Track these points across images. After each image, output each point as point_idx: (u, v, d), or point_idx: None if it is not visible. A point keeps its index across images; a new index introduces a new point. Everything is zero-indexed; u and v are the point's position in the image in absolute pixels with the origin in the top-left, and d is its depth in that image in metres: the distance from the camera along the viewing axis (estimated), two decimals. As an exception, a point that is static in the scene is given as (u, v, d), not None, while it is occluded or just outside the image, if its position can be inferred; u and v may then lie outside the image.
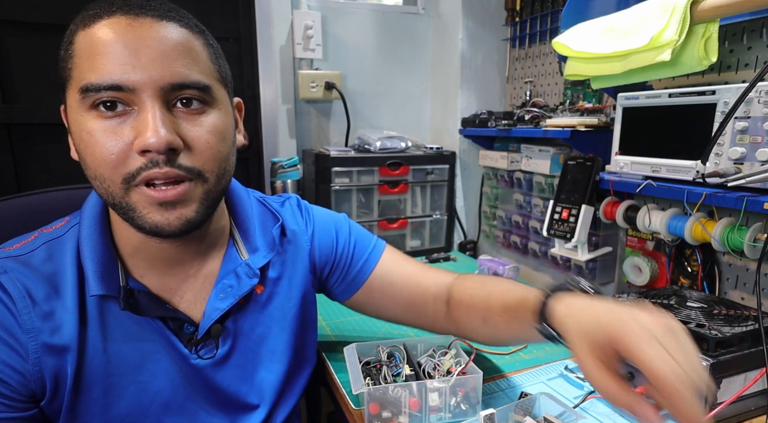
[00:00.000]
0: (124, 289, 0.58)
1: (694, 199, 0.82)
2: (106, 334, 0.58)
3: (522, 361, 0.87)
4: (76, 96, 0.51)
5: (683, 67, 0.78)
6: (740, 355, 0.67)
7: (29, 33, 1.32)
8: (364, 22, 1.61)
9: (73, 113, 0.52)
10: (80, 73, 0.50)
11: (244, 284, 0.65)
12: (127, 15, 0.50)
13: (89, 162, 0.52)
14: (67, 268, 0.57)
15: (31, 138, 1.37)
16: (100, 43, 0.49)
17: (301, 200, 0.81)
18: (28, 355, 0.54)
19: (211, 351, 0.64)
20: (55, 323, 0.56)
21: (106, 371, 0.58)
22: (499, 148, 1.50)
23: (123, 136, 0.50)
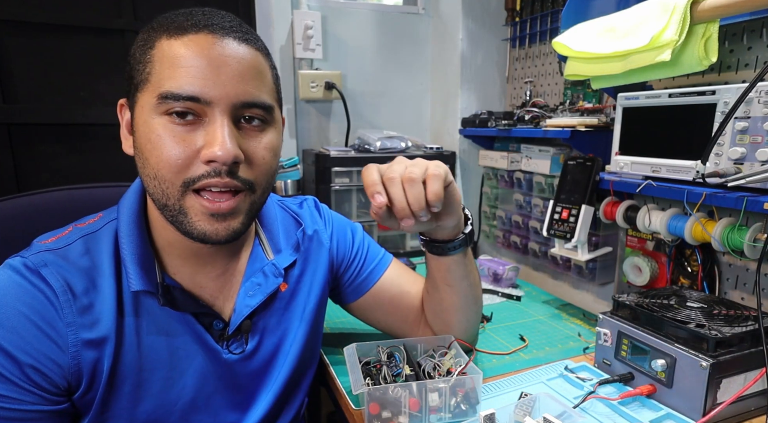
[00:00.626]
0: (161, 285, 0.60)
1: (694, 199, 0.82)
2: (140, 329, 0.60)
3: (522, 361, 0.87)
4: (151, 99, 0.54)
5: (683, 67, 0.78)
6: (740, 355, 0.67)
7: (29, 33, 1.32)
8: (364, 22, 1.61)
9: (143, 114, 0.55)
10: (160, 80, 0.54)
11: (271, 282, 0.68)
12: (213, 34, 0.55)
13: (153, 162, 0.55)
14: (105, 262, 0.59)
15: (31, 138, 1.37)
16: (185, 57, 0.53)
17: (319, 202, 0.85)
18: (68, 347, 0.55)
19: (241, 346, 0.67)
20: (94, 316, 0.57)
21: (138, 366, 0.60)
22: (499, 148, 1.50)
23: (191, 143, 0.54)
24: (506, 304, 1.15)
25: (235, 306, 0.66)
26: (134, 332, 0.60)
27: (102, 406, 0.58)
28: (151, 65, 0.54)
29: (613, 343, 0.79)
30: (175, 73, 0.53)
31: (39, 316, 0.54)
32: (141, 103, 0.55)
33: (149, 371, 0.61)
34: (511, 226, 1.42)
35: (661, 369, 0.70)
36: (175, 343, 0.62)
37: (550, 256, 1.25)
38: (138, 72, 0.56)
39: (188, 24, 0.55)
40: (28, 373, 0.53)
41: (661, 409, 0.70)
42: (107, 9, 1.39)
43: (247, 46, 0.57)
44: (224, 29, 0.56)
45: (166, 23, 0.56)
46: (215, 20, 0.56)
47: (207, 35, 0.54)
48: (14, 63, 1.32)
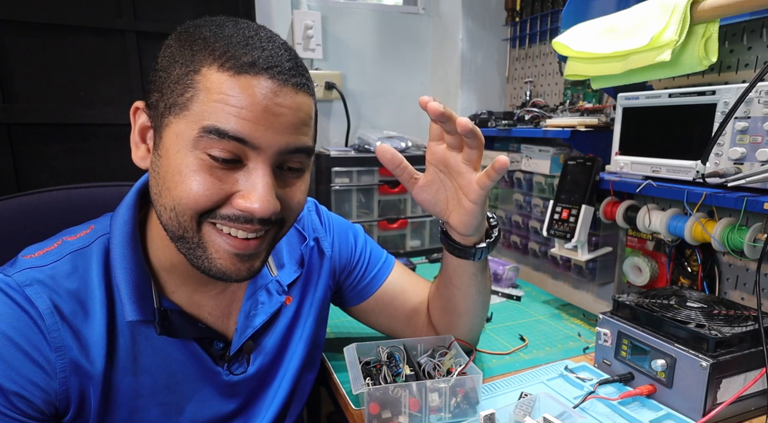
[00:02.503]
0: (158, 312, 0.57)
1: (694, 199, 0.82)
2: (137, 356, 0.57)
3: (522, 361, 0.87)
4: (190, 130, 0.50)
5: (683, 67, 0.78)
6: (740, 356, 0.67)
7: (29, 33, 1.32)
8: (364, 22, 1.61)
9: (176, 141, 0.51)
10: (206, 112, 0.49)
11: (275, 301, 0.67)
12: (273, 80, 0.50)
13: (176, 195, 0.51)
14: (94, 285, 0.56)
15: (31, 138, 1.37)
16: (241, 98, 0.49)
17: (319, 205, 0.84)
18: (55, 373, 0.52)
19: (243, 366, 0.65)
20: (83, 341, 0.54)
21: (134, 393, 0.58)
22: (499, 148, 1.50)
23: (226, 185, 0.51)
24: (506, 304, 1.15)
25: (237, 326, 0.63)
26: (130, 361, 0.57)
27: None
28: (194, 92, 0.50)
29: (613, 343, 0.79)
30: (224, 109, 0.49)
31: (25, 339, 0.51)
32: (175, 128, 0.51)
33: (146, 397, 0.58)
34: (511, 226, 1.42)
35: (661, 369, 0.70)
36: (172, 367, 0.60)
37: (550, 256, 1.25)
38: (173, 92, 0.51)
39: (246, 61, 0.49)
40: (12, 400, 0.50)
41: (661, 409, 0.70)
42: (107, 9, 1.39)
43: (304, 94, 0.53)
44: (284, 74, 0.51)
45: (218, 47, 0.50)
46: (276, 60, 0.51)
47: (268, 81, 0.50)
48: (14, 63, 1.32)
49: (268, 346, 0.67)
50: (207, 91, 0.49)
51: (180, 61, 0.51)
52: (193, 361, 0.61)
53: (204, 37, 0.51)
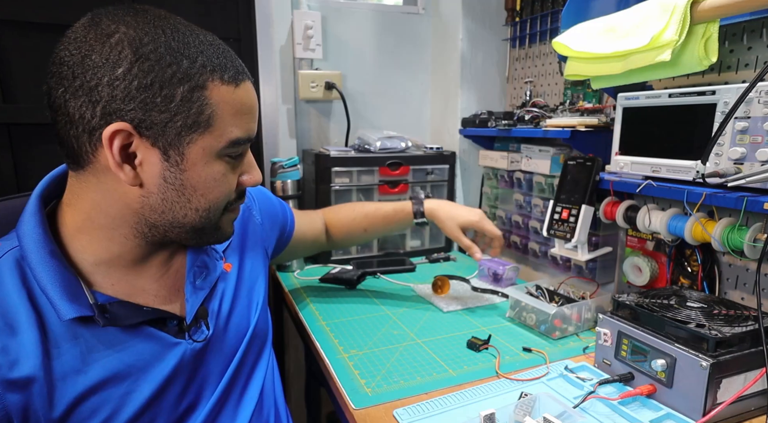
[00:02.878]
0: (96, 306, 0.57)
1: (694, 199, 0.82)
2: (85, 355, 0.57)
3: (522, 361, 0.87)
4: (216, 143, 0.58)
5: (683, 67, 0.78)
6: (740, 355, 0.67)
7: (29, 33, 1.32)
8: (364, 22, 1.61)
9: (203, 155, 0.57)
10: (227, 126, 0.58)
11: (217, 266, 0.72)
12: (249, 81, 0.61)
13: (212, 197, 0.60)
14: (13, 297, 0.54)
15: (31, 138, 1.37)
16: (246, 105, 0.60)
17: None
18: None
19: (203, 333, 0.67)
20: (11, 357, 0.53)
21: (90, 390, 0.57)
22: (499, 148, 1.50)
23: (236, 174, 0.63)
24: (506, 305, 1.15)
25: (187, 296, 0.66)
26: (78, 359, 0.56)
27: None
28: (211, 109, 0.56)
29: (613, 343, 0.79)
30: (241, 122, 0.59)
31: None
32: (201, 144, 0.57)
33: (107, 390, 0.58)
34: (511, 226, 1.42)
35: (661, 369, 0.70)
36: (130, 355, 0.59)
37: (550, 256, 1.25)
38: (189, 110, 0.54)
39: (234, 72, 0.58)
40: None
41: (661, 409, 0.70)
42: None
43: None
44: (248, 73, 0.62)
45: (206, 61, 0.55)
46: (240, 64, 0.61)
47: (248, 83, 0.61)
48: (14, 63, 1.32)
49: (220, 310, 0.70)
50: (222, 105, 0.57)
51: (176, 80, 0.53)
52: (151, 343, 0.61)
53: (180, 50, 0.54)
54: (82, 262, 0.59)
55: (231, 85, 0.57)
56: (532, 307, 1.00)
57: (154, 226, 0.60)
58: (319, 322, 1.04)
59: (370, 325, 1.02)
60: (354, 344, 0.94)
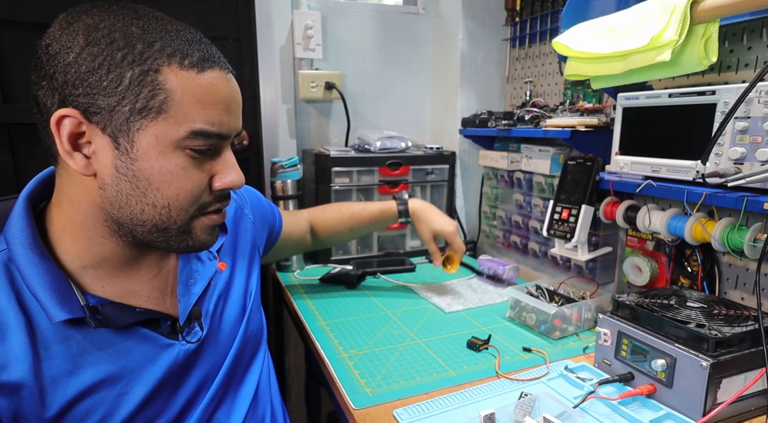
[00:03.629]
0: (87, 308, 0.56)
1: (694, 199, 0.82)
2: (76, 358, 0.56)
3: (522, 361, 0.87)
4: (174, 132, 0.53)
5: (683, 67, 0.78)
6: (740, 355, 0.67)
7: (29, 33, 1.32)
8: (364, 22, 1.61)
9: (157, 144, 0.53)
10: (187, 114, 0.53)
11: (209, 267, 0.71)
12: (222, 70, 0.57)
13: (170, 193, 0.55)
14: (2, 301, 0.54)
15: (31, 138, 1.37)
16: (211, 94, 0.55)
17: None
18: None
19: (197, 333, 0.66)
20: (2, 364, 0.52)
21: (83, 393, 0.56)
22: (499, 148, 1.50)
23: (205, 172, 0.58)
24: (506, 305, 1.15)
25: (179, 297, 0.65)
26: (69, 363, 0.55)
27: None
28: (165, 94, 0.52)
29: (613, 343, 0.79)
30: (206, 111, 0.54)
31: None
32: (154, 131, 0.53)
33: (101, 392, 0.57)
34: (511, 226, 1.42)
35: (661, 369, 0.70)
36: (123, 357, 0.59)
37: (550, 256, 1.25)
38: (138, 95, 0.52)
39: (199, 57, 0.54)
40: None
41: (661, 409, 0.70)
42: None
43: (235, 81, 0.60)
44: (226, 65, 0.58)
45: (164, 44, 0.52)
46: (214, 51, 0.57)
47: (220, 72, 0.56)
48: (14, 63, 1.32)
49: (214, 311, 0.70)
50: (179, 91, 0.53)
51: (126, 63, 0.51)
52: (144, 344, 0.60)
53: (136, 34, 0.52)
54: (70, 264, 0.58)
55: (192, 71, 0.53)
56: (532, 307, 1.00)
57: (119, 224, 0.57)
58: (319, 322, 1.04)
59: (370, 325, 1.02)
60: (354, 344, 0.94)
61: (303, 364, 1.61)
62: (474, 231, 1.65)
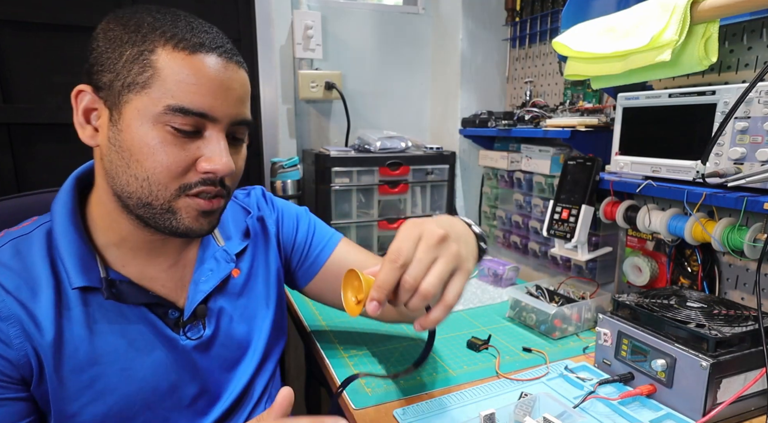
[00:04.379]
0: (105, 280, 0.60)
1: (694, 199, 0.82)
2: (91, 325, 0.60)
3: (522, 361, 0.87)
4: (153, 106, 0.55)
5: (683, 67, 0.78)
6: (740, 355, 0.67)
7: (29, 33, 1.32)
8: (364, 22, 1.61)
9: (138, 116, 0.56)
10: (168, 91, 0.55)
11: (223, 267, 0.71)
12: (222, 57, 0.58)
13: (148, 166, 0.56)
14: (38, 263, 0.59)
15: (31, 138, 1.37)
16: (199, 76, 0.56)
17: (266, 191, 0.87)
18: (11, 341, 0.56)
19: (199, 331, 0.67)
20: (31, 314, 0.57)
21: (91, 360, 0.60)
22: (499, 148, 1.50)
23: (190, 152, 0.57)
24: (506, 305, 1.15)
25: (188, 293, 0.67)
26: (84, 329, 0.60)
27: (59, 401, 0.58)
28: (153, 71, 0.55)
29: (613, 343, 0.79)
30: (186, 89, 0.55)
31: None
32: (136, 105, 0.55)
33: (105, 364, 0.61)
34: (511, 226, 1.42)
35: (661, 369, 0.70)
36: (130, 334, 0.62)
37: (550, 256, 1.25)
38: (130, 71, 0.55)
39: (197, 42, 0.56)
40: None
41: (661, 409, 0.70)
42: (107, 9, 1.39)
43: (243, 71, 0.62)
44: (228, 53, 0.59)
45: (167, 30, 0.56)
46: (219, 41, 0.59)
47: (218, 58, 0.57)
48: (14, 63, 1.31)
49: (224, 312, 0.70)
50: (166, 71, 0.55)
51: (129, 43, 0.56)
52: (150, 329, 0.64)
53: (148, 21, 0.57)
54: (99, 240, 0.63)
55: (183, 52, 0.55)
56: (532, 307, 1.00)
57: (118, 197, 0.60)
58: (319, 322, 1.04)
59: (370, 325, 1.02)
60: (354, 344, 0.94)
61: (303, 364, 1.61)
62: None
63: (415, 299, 0.52)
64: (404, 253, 0.52)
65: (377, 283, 0.51)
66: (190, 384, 0.67)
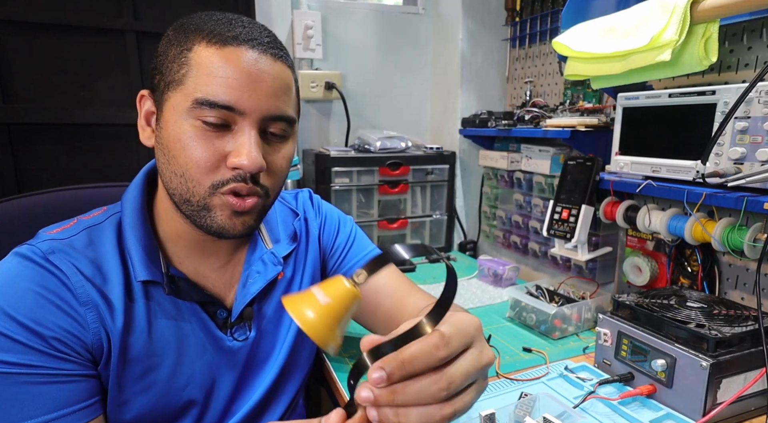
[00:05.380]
0: (166, 276, 0.62)
1: (694, 199, 0.82)
2: (150, 317, 0.62)
3: (522, 361, 0.87)
4: (184, 102, 0.56)
5: (683, 67, 0.78)
6: (740, 355, 0.67)
7: (29, 33, 1.32)
8: (364, 22, 1.61)
9: (174, 113, 0.57)
10: (196, 85, 0.55)
11: (270, 270, 0.70)
12: (253, 49, 0.57)
13: (182, 161, 0.57)
14: (109, 253, 0.61)
15: (31, 138, 1.37)
16: (225, 67, 0.55)
17: (313, 194, 0.87)
18: (87, 325, 0.57)
19: (245, 333, 0.69)
20: (106, 300, 0.59)
21: (149, 351, 0.62)
22: (499, 148, 1.50)
23: (219, 148, 0.57)
24: (506, 305, 1.15)
25: (237, 294, 0.68)
26: (145, 319, 0.62)
27: (118, 387, 0.60)
28: (187, 68, 0.56)
29: (613, 343, 0.79)
30: (213, 81, 0.55)
31: (56, 296, 0.56)
32: (172, 102, 0.57)
33: (159, 357, 0.63)
34: (511, 226, 1.42)
35: (661, 369, 0.70)
36: (183, 330, 0.64)
37: (550, 256, 1.25)
38: (171, 70, 0.57)
39: (230, 35, 0.56)
40: (53, 344, 0.55)
41: (661, 409, 0.70)
42: (107, 9, 1.39)
43: (282, 64, 0.59)
44: (263, 45, 0.58)
45: (206, 28, 0.57)
46: (255, 34, 0.58)
47: (248, 50, 0.56)
48: (14, 63, 1.31)
49: (266, 315, 0.71)
50: (198, 66, 0.56)
51: (175, 44, 0.58)
52: (201, 326, 0.65)
53: (195, 23, 0.58)
54: (161, 235, 0.65)
55: (214, 47, 0.56)
56: (532, 307, 1.00)
57: (168, 194, 0.61)
58: (319, 322, 1.04)
59: (370, 325, 1.02)
60: (354, 344, 0.94)
61: (303, 364, 1.61)
62: (474, 231, 1.65)
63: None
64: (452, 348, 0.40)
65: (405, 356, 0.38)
66: (228, 384, 0.68)
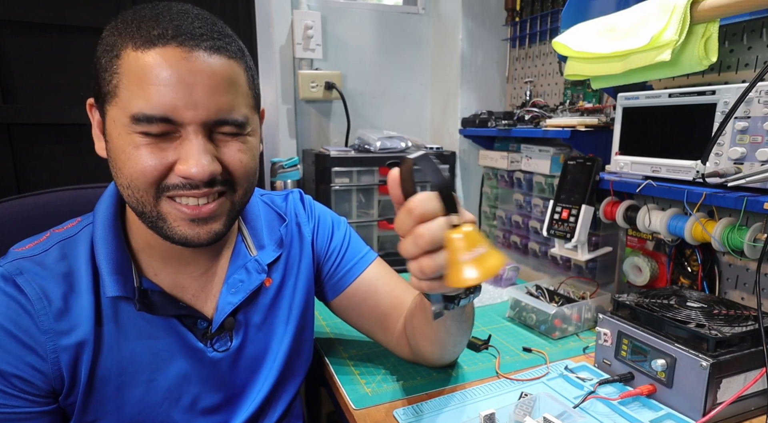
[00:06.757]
0: (138, 290, 0.60)
1: (694, 199, 0.82)
2: (121, 333, 0.60)
3: (522, 361, 0.87)
4: (122, 117, 0.52)
5: (683, 67, 0.78)
6: (740, 355, 0.67)
7: (29, 33, 1.32)
8: (364, 22, 1.61)
9: (115, 126, 0.53)
10: (130, 97, 0.51)
11: (253, 279, 0.68)
12: (181, 46, 0.51)
13: (127, 172, 0.53)
14: (82, 267, 0.59)
15: (31, 138, 1.37)
16: (154, 73, 0.50)
17: (304, 195, 0.84)
18: (47, 354, 0.56)
19: (226, 344, 0.66)
20: (72, 321, 0.57)
21: (120, 369, 0.60)
22: (499, 148, 1.50)
23: (166, 155, 0.53)
24: (506, 305, 1.15)
25: (218, 304, 0.65)
26: (115, 336, 0.59)
27: (83, 410, 0.59)
28: (118, 78, 0.52)
29: (613, 343, 0.79)
30: (145, 93, 0.50)
31: (16, 325, 0.55)
32: (112, 115, 0.53)
33: (131, 374, 0.60)
34: (511, 226, 1.42)
35: (661, 369, 0.70)
36: (157, 345, 0.62)
37: (550, 256, 1.25)
38: (104, 81, 0.53)
39: (155, 34, 0.50)
40: (14, 382, 0.54)
41: (661, 409, 0.70)
42: (107, 9, 1.39)
43: (219, 56, 0.53)
44: (194, 38, 0.51)
45: (131, 29, 0.52)
46: (184, 28, 0.51)
47: (176, 48, 0.50)
48: (14, 63, 1.32)
49: (250, 324, 0.69)
50: (128, 75, 0.51)
51: (107, 50, 0.53)
52: (177, 340, 0.63)
53: (123, 22, 0.53)
54: (137, 247, 0.63)
55: (140, 51, 0.50)
56: (532, 307, 1.00)
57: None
58: (319, 322, 1.04)
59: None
60: (354, 344, 0.94)
61: (303, 364, 1.61)
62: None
63: None
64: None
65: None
66: (212, 395, 0.66)
